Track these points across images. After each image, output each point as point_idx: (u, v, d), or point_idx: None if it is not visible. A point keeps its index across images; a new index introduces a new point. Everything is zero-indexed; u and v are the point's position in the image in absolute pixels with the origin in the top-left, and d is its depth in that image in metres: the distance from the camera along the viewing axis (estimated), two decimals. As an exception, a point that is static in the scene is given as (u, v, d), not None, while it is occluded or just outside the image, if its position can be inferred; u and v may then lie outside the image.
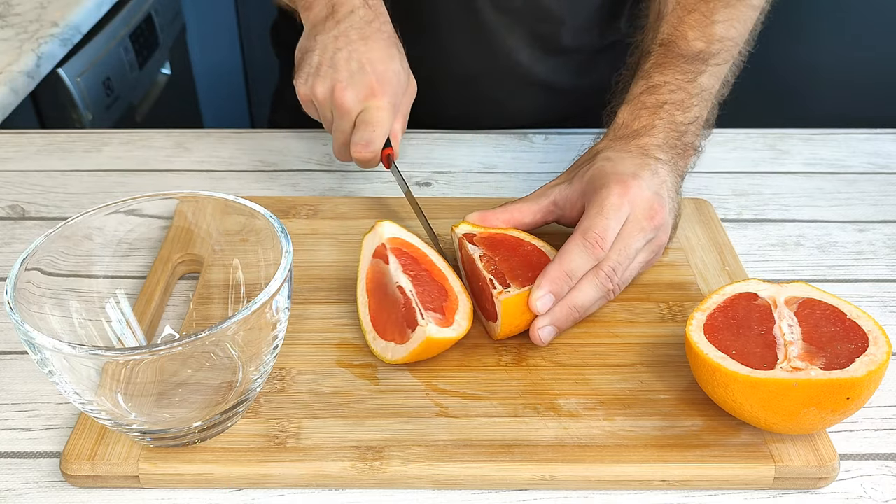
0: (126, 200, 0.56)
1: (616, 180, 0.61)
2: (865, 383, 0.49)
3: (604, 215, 0.59)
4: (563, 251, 0.58)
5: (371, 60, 0.68)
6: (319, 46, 0.69)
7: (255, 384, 0.52)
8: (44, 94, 1.18)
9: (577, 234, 0.59)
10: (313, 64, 0.69)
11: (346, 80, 0.67)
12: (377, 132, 0.66)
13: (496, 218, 0.65)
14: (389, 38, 0.70)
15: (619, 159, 0.64)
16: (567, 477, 0.51)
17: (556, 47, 0.89)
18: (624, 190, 0.60)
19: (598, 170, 0.63)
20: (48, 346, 0.45)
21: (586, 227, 0.59)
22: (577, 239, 0.59)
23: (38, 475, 0.52)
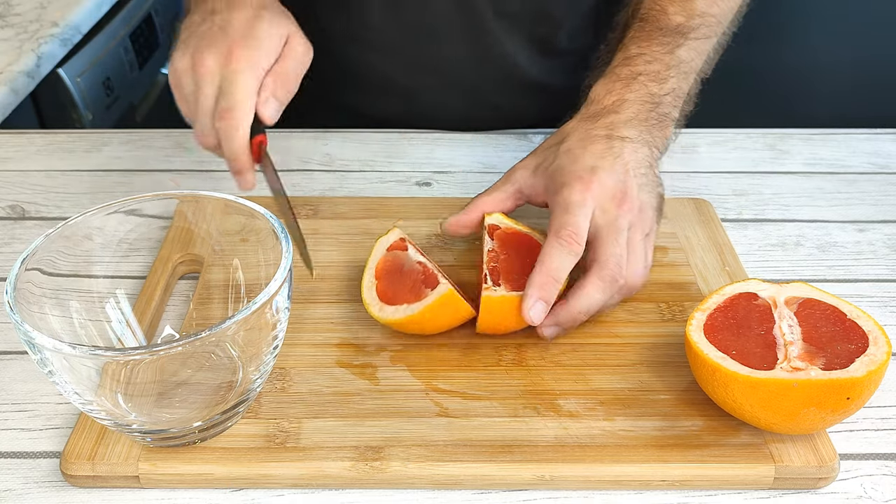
0: (126, 200, 0.56)
1: (575, 178, 0.60)
2: (865, 383, 0.49)
3: (570, 212, 0.59)
4: (542, 255, 0.58)
5: (232, 22, 0.63)
6: (187, 25, 0.66)
7: (255, 384, 0.52)
8: (44, 94, 1.18)
9: (551, 236, 0.59)
10: (179, 41, 0.65)
11: (204, 45, 0.63)
12: (237, 97, 0.61)
13: (467, 218, 0.65)
14: (257, 3, 0.66)
15: (581, 151, 0.63)
16: (567, 477, 0.51)
17: (553, 49, 0.89)
18: (584, 186, 0.60)
19: (557, 168, 0.63)
20: (48, 346, 0.45)
21: (557, 227, 0.59)
22: (552, 240, 0.58)
23: (38, 475, 0.52)
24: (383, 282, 0.60)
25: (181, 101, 0.65)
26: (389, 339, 0.60)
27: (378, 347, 0.60)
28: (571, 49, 0.91)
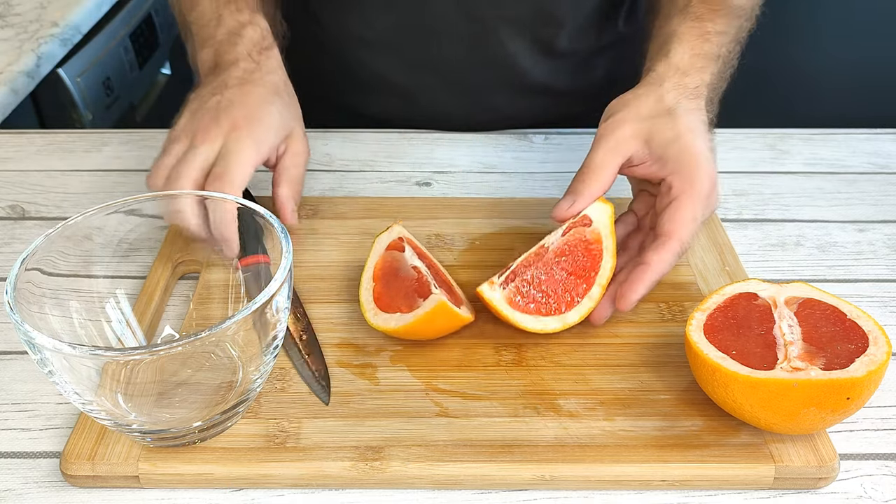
0: (126, 200, 0.56)
1: (702, 177, 0.61)
2: (865, 383, 0.49)
3: (696, 220, 0.60)
4: (663, 258, 0.59)
5: (243, 101, 0.65)
6: (197, 96, 0.67)
7: (255, 384, 0.52)
8: (44, 94, 1.18)
9: (675, 241, 0.59)
10: (186, 109, 0.67)
11: (209, 116, 0.64)
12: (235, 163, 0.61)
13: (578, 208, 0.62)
14: (271, 87, 0.68)
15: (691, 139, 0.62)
16: (567, 477, 0.51)
17: (555, 50, 0.89)
18: (710, 181, 0.61)
19: (676, 154, 0.62)
20: (48, 346, 0.45)
21: (683, 238, 0.59)
22: (675, 245, 0.59)
23: (38, 475, 0.52)
24: (380, 284, 0.60)
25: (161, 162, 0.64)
26: (389, 339, 0.60)
27: (378, 347, 0.60)
28: (573, 50, 0.91)
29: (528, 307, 0.58)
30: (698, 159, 0.61)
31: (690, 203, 0.60)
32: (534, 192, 0.79)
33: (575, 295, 0.59)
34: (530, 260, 0.60)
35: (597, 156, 0.62)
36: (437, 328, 0.58)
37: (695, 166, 0.61)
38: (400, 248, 0.62)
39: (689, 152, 0.62)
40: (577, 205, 0.61)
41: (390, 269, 0.61)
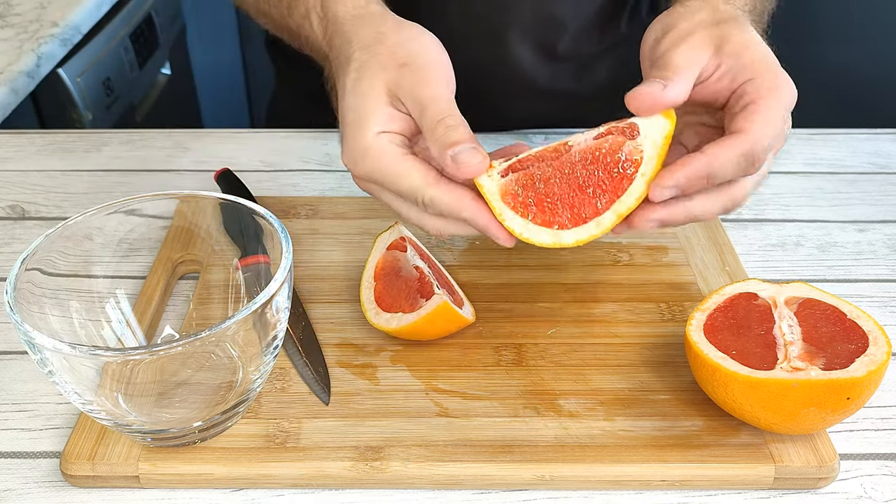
0: (126, 200, 0.56)
1: (787, 83, 0.53)
2: (865, 383, 0.49)
3: (775, 128, 0.51)
4: (718, 153, 0.49)
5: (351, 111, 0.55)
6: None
7: (255, 384, 0.52)
8: (44, 94, 1.18)
9: (747, 138, 0.50)
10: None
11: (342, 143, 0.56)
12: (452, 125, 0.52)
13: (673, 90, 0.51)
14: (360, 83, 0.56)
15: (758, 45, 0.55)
16: (567, 477, 0.51)
17: (557, 53, 0.89)
18: (791, 95, 0.53)
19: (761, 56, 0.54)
20: (48, 346, 0.45)
21: (755, 140, 0.50)
22: (745, 145, 0.50)
23: (38, 475, 0.52)
24: (381, 283, 0.60)
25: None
26: (389, 339, 0.60)
27: (378, 347, 0.60)
28: (575, 53, 0.91)
29: (525, 208, 0.51)
30: (777, 67, 0.54)
31: (772, 105, 0.51)
32: None
33: (582, 213, 0.51)
34: (545, 154, 0.52)
35: (676, 57, 0.53)
36: (438, 329, 0.58)
37: (774, 72, 0.53)
38: (401, 248, 0.62)
39: (766, 59, 0.54)
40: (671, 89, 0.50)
41: (391, 268, 0.61)
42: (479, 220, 0.52)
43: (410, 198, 0.53)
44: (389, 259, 0.61)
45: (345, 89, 0.54)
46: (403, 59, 0.53)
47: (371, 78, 0.53)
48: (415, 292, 0.58)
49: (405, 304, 0.58)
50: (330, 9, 0.59)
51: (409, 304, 0.57)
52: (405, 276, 0.60)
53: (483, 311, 0.62)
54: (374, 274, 0.61)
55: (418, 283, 0.58)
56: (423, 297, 0.57)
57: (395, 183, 0.53)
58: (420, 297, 0.57)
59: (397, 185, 0.53)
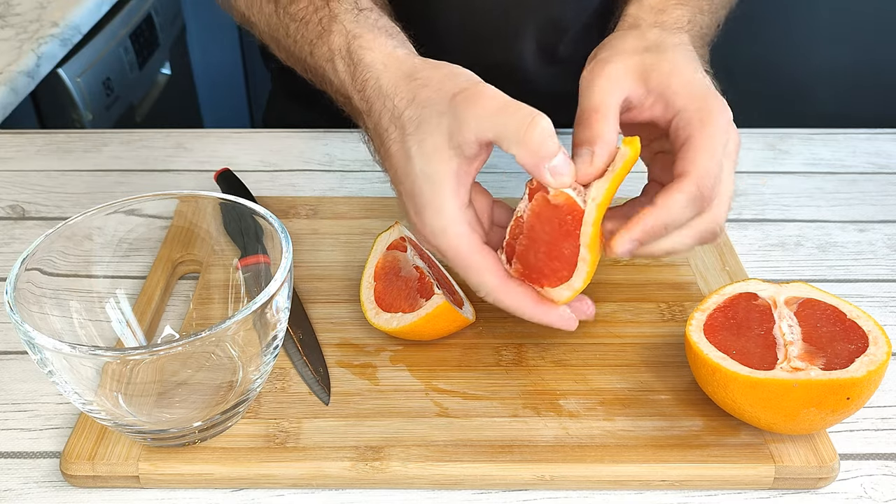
0: (126, 200, 0.56)
1: (718, 108, 0.53)
2: (865, 383, 0.49)
3: (716, 159, 0.51)
4: (668, 200, 0.50)
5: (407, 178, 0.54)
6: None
7: (255, 384, 0.52)
8: (44, 94, 1.18)
9: (690, 181, 0.50)
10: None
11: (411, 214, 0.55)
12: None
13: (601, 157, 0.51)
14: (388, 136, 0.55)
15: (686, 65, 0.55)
16: (567, 477, 0.51)
17: (557, 56, 0.89)
18: (727, 122, 0.53)
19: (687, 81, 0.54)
20: (48, 346, 0.45)
21: (701, 176, 0.50)
22: (690, 188, 0.50)
23: (38, 475, 0.52)
24: (381, 283, 0.60)
25: None
26: (389, 339, 0.60)
27: (378, 347, 0.60)
28: (575, 55, 0.90)
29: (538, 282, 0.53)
30: (705, 91, 0.54)
31: (706, 139, 0.52)
32: None
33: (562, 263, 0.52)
34: (514, 231, 0.54)
35: (593, 96, 0.54)
36: (438, 329, 0.58)
37: (703, 98, 0.53)
38: (401, 248, 0.62)
39: (693, 84, 0.54)
40: (597, 156, 0.51)
41: (391, 268, 0.61)
42: (541, 321, 0.53)
43: (475, 287, 0.54)
44: (389, 259, 0.61)
45: (409, 154, 0.52)
46: (451, 90, 0.51)
47: (433, 134, 0.51)
48: (415, 292, 0.58)
49: (405, 304, 0.58)
50: (356, 54, 0.56)
51: (409, 304, 0.57)
52: (405, 276, 0.60)
53: (483, 311, 0.62)
54: (374, 274, 0.61)
55: (418, 283, 0.58)
56: (423, 297, 0.57)
57: (465, 272, 0.53)
58: (420, 297, 0.57)
59: (467, 274, 0.53)
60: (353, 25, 0.57)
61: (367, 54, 0.55)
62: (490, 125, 0.50)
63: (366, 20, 0.57)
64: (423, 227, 0.53)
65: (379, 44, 0.56)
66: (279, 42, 0.66)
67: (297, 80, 0.77)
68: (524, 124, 0.49)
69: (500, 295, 0.53)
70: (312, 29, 0.59)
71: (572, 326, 0.54)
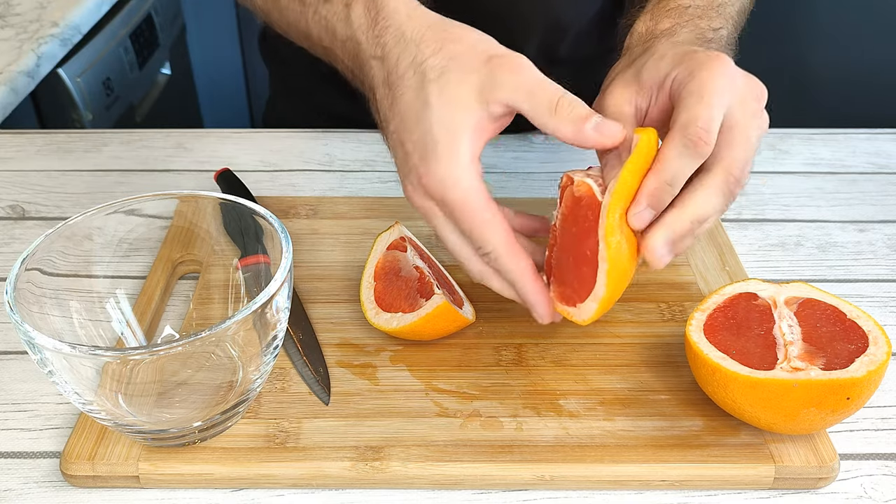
0: (126, 200, 0.56)
1: (712, 58, 0.51)
2: (865, 383, 0.49)
3: (705, 103, 0.49)
4: (660, 156, 0.50)
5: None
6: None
7: (255, 384, 0.52)
8: (44, 94, 1.18)
9: (675, 131, 0.50)
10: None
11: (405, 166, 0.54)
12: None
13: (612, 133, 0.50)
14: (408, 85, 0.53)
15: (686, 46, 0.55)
16: (567, 477, 0.51)
17: (557, 57, 0.89)
18: (724, 70, 0.51)
19: (684, 52, 0.53)
20: (48, 346, 0.45)
21: (685, 122, 0.49)
22: (676, 137, 0.49)
23: (38, 475, 0.52)
24: (381, 283, 0.60)
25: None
26: (389, 339, 0.60)
27: (378, 347, 0.60)
28: (575, 57, 0.91)
29: (569, 300, 0.52)
30: (692, 52, 0.53)
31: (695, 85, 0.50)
32: (534, 192, 0.79)
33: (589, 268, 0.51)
34: (550, 244, 0.54)
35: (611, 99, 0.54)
36: (438, 329, 0.58)
37: (689, 56, 0.52)
38: (401, 248, 0.62)
39: (679, 53, 0.53)
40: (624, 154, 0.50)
41: (391, 268, 0.61)
42: (529, 297, 0.53)
43: (477, 245, 0.52)
44: (389, 259, 0.61)
45: (427, 100, 0.50)
46: (487, 52, 0.51)
47: (459, 84, 0.50)
48: (415, 292, 0.58)
49: (405, 304, 0.58)
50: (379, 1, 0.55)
51: (409, 304, 0.57)
52: (405, 276, 0.60)
53: (483, 311, 0.62)
54: (374, 274, 0.61)
55: (418, 283, 0.58)
56: (423, 297, 0.57)
57: (470, 227, 0.51)
58: (420, 297, 0.57)
59: (471, 229, 0.51)
60: None
61: (390, 2, 0.54)
62: (524, 97, 0.50)
63: None
64: (429, 177, 0.51)
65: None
66: (281, 9, 0.64)
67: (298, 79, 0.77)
68: (555, 97, 0.50)
69: (504, 256, 0.51)
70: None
71: (547, 320, 0.53)
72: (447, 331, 0.58)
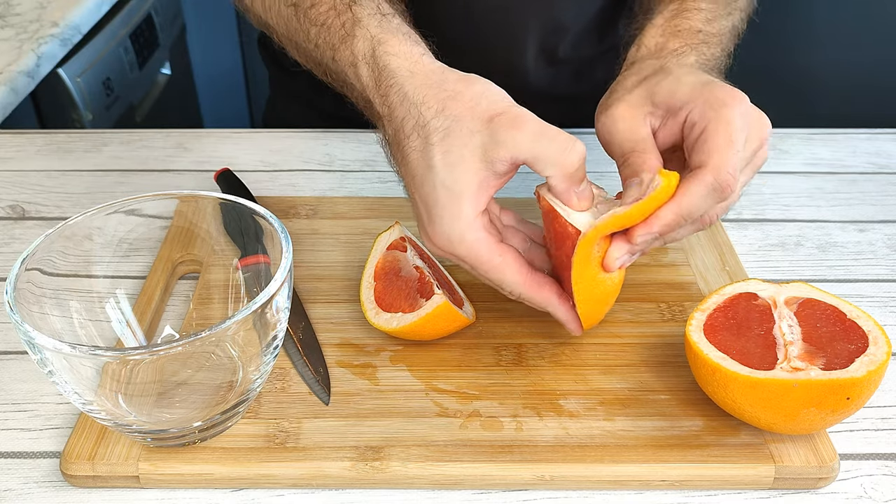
0: (126, 200, 0.56)
1: (729, 96, 0.53)
2: (865, 383, 0.49)
3: (734, 147, 0.51)
4: (688, 191, 0.51)
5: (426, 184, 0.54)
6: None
7: (255, 384, 0.52)
8: (44, 94, 1.18)
9: (707, 172, 0.51)
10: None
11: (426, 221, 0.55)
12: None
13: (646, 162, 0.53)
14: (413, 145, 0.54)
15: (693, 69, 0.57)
16: (567, 477, 0.51)
17: (557, 56, 0.89)
18: (744, 107, 0.53)
19: (693, 83, 0.55)
20: (48, 346, 0.45)
21: (717, 166, 0.51)
22: (707, 179, 0.51)
23: (38, 475, 0.52)
24: (381, 283, 0.60)
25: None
26: (389, 339, 0.60)
27: (378, 347, 0.60)
28: (574, 57, 0.90)
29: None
30: (711, 84, 0.54)
31: (721, 126, 0.52)
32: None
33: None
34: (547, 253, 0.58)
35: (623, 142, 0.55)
36: (438, 329, 0.58)
37: (709, 89, 0.54)
38: (401, 248, 0.62)
39: (697, 84, 0.55)
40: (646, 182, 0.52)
41: (391, 268, 0.61)
42: (560, 316, 0.56)
43: (497, 287, 0.55)
44: (389, 259, 0.61)
45: (431, 163, 0.52)
46: (487, 111, 0.52)
47: (462, 147, 0.51)
48: (415, 292, 0.58)
49: (405, 304, 0.58)
50: (381, 60, 0.55)
51: (409, 304, 0.57)
52: (405, 276, 0.60)
53: (483, 311, 0.62)
54: (374, 274, 0.61)
55: (418, 283, 0.58)
56: (423, 297, 0.57)
57: (485, 274, 0.54)
58: (420, 297, 0.57)
59: (489, 275, 0.54)
60: (378, 30, 0.56)
61: (392, 60, 0.55)
62: (528, 148, 0.51)
63: (389, 24, 0.57)
64: (436, 235, 0.53)
65: (404, 49, 0.55)
66: (299, 45, 0.66)
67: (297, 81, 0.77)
68: (564, 149, 0.51)
69: (527, 291, 0.54)
70: (335, 33, 0.59)
71: (580, 332, 0.57)
72: (447, 331, 0.58)
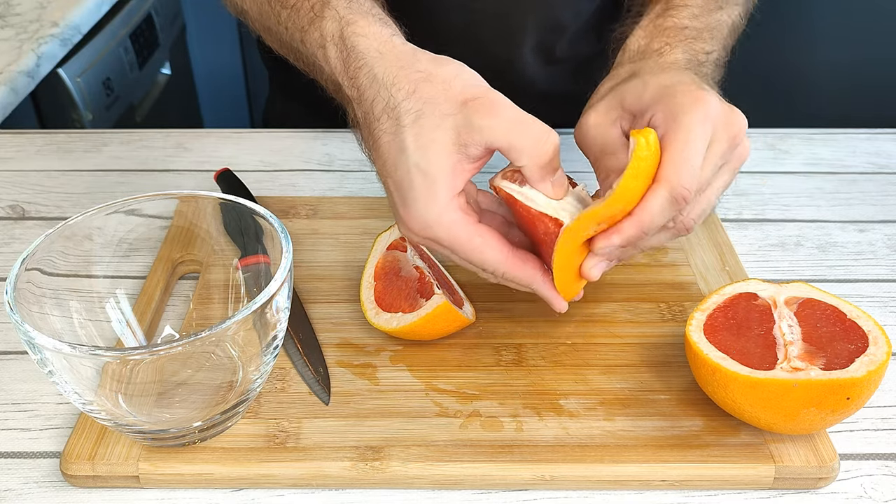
0: (126, 200, 0.56)
1: (690, 101, 0.52)
2: (865, 383, 0.49)
3: (689, 155, 0.51)
4: (646, 205, 0.51)
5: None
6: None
7: (255, 384, 0.52)
8: (44, 94, 1.18)
9: (663, 185, 0.50)
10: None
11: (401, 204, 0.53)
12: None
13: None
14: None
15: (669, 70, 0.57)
16: (567, 477, 0.51)
17: (554, 56, 0.89)
18: (705, 112, 0.52)
19: (659, 85, 0.55)
20: (48, 346, 0.45)
21: (672, 178, 0.50)
22: (663, 192, 0.51)
23: (38, 475, 0.52)
24: (381, 283, 0.60)
25: None
26: (389, 339, 0.60)
27: (378, 347, 0.60)
28: (572, 56, 0.90)
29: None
30: (675, 89, 0.53)
31: (679, 135, 0.51)
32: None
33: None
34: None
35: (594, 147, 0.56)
36: (438, 329, 0.58)
37: (671, 95, 0.53)
38: (401, 248, 0.62)
39: (663, 87, 0.54)
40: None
41: (391, 268, 0.61)
42: (545, 293, 0.55)
43: (479, 269, 0.54)
44: (389, 259, 0.61)
45: (403, 145, 0.51)
46: (461, 94, 0.51)
47: (434, 129, 0.50)
48: (415, 292, 0.58)
49: (405, 304, 0.58)
50: (349, 40, 0.54)
51: (409, 304, 0.57)
52: (405, 276, 0.60)
53: (483, 311, 0.62)
54: (374, 274, 0.61)
55: (418, 283, 0.58)
56: (423, 297, 0.57)
57: (468, 255, 0.53)
58: (420, 297, 0.57)
59: (469, 257, 0.53)
60: (346, 11, 0.56)
61: (360, 41, 0.54)
62: (503, 136, 0.50)
63: (359, 7, 0.56)
64: (412, 220, 0.52)
65: (373, 31, 0.54)
66: (270, 30, 0.65)
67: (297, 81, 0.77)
68: (539, 140, 0.50)
69: (507, 271, 0.53)
70: (304, 15, 0.58)
71: (564, 310, 0.56)
72: (447, 331, 0.58)
